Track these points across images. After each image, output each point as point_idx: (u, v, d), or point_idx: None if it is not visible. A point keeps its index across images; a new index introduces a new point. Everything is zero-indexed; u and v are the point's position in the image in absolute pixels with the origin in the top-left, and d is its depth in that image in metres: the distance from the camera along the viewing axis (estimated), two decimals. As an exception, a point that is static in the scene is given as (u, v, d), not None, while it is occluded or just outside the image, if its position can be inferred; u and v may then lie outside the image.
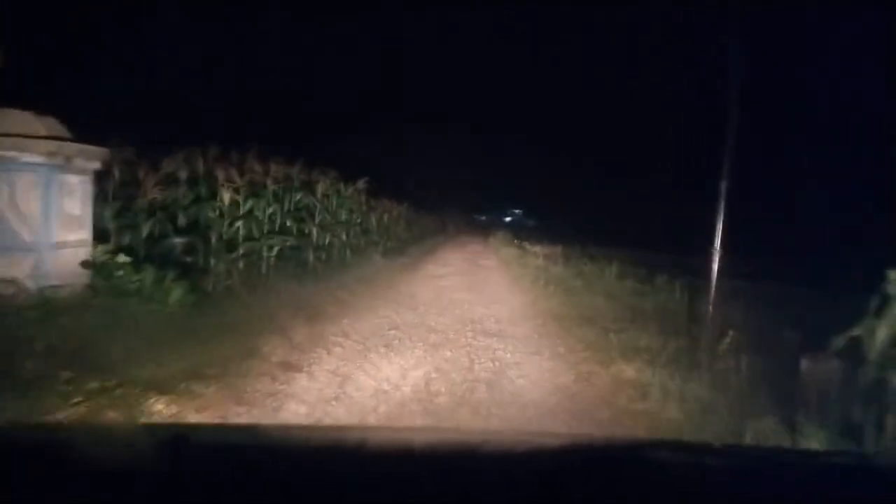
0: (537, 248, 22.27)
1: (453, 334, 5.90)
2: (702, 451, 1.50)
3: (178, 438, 1.18)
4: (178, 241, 5.72)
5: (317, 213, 8.86)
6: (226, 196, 6.24)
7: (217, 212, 6.28)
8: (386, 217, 15.25)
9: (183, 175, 6.13)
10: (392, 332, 5.82)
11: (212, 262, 6.06)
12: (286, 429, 2.23)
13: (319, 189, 8.91)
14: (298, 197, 8.64)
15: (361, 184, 10.91)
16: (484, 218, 50.57)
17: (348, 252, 10.24)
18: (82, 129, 4.84)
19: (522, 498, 0.91)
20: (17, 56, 4.96)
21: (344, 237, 10.40)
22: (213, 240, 6.20)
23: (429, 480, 0.93)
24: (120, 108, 9.57)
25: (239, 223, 6.50)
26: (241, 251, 6.53)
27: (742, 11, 5.17)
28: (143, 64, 13.25)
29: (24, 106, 4.54)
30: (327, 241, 9.50)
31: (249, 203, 6.80)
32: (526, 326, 6.64)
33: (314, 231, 8.74)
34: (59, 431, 1.61)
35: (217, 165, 6.65)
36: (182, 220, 6.00)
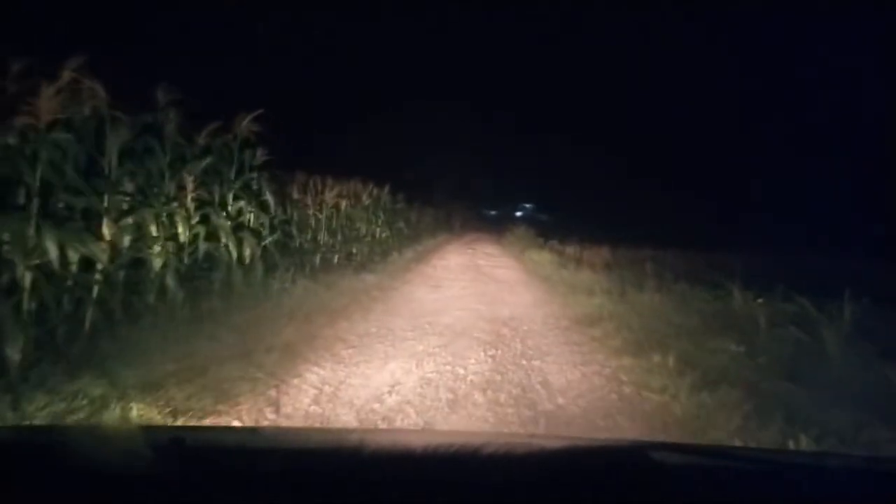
0: (572, 251, 16.35)
1: None
2: (703, 453, 1.38)
3: (175, 441, 1.09)
4: None
5: (36, 184, 2.94)
6: None
7: None
8: (344, 204, 9.34)
9: None
10: None
11: None
12: (283, 431, 2.17)
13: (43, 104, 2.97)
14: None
15: (246, 124, 4.94)
16: (494, 212, 45.69)
17: (167, 279, 4.22)
18: None
19: (523, 501, 0.90)
20: None
21: (185, 239, 4.46)
22: None
23: (428, 483, 0.92)
24: None
25: None
26: None
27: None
28: None
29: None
30: (135, 255, 3.62)
31: None
32: None
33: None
34: (58, 433, 1.55)
35: None
36: None
